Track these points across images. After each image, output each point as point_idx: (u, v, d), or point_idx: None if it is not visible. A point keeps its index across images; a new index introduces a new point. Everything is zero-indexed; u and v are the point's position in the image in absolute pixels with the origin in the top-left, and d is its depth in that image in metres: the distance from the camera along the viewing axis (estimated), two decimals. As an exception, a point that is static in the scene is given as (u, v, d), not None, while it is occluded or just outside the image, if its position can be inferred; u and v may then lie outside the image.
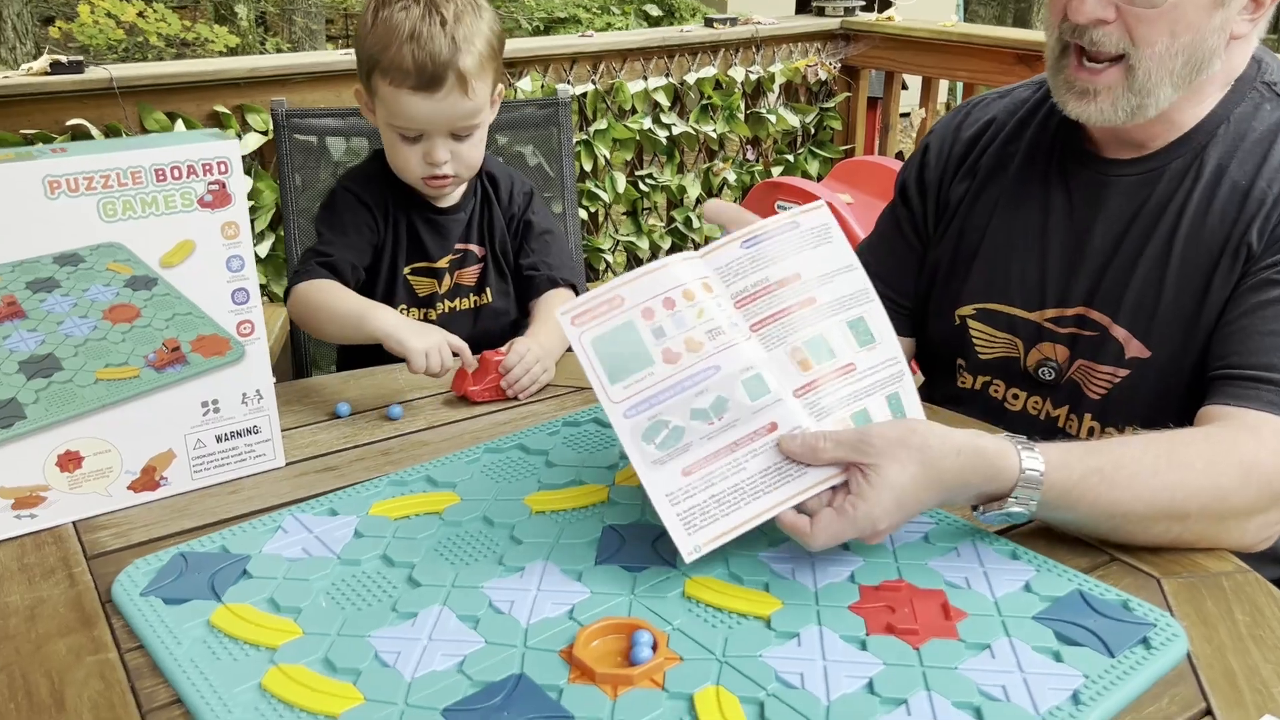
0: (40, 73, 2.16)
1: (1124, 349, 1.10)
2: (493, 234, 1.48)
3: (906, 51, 3.50)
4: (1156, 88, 1.02)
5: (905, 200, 1.30)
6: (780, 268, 0.93)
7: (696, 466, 0.87)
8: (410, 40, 1.26)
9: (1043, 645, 0.78)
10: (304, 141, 1.98)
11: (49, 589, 0.89)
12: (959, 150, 1.25)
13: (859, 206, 3.06)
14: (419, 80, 1.27)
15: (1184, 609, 0.84)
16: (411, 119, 1.31)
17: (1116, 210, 1.11)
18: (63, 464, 0.96)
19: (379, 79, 1.31)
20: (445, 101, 1.29)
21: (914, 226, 1.28)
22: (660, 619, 0.82)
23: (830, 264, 0.95)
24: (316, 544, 0.93)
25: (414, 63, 1.26)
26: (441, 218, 1.44)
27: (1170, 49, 1.00)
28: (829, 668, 0.76)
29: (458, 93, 1.29)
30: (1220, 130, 1.07)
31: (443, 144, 1.33)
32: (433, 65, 1.26)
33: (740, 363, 0.89)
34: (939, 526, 0.94)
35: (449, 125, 1.32)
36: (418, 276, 1.44)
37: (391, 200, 1.42)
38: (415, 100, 1.29)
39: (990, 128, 1.24)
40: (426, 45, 1.26)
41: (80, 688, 0.77)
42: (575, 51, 2.93)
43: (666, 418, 0.87)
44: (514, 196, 1.50)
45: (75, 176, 0.91)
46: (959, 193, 1.23)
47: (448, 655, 0.78)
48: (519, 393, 1.24)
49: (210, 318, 1.00)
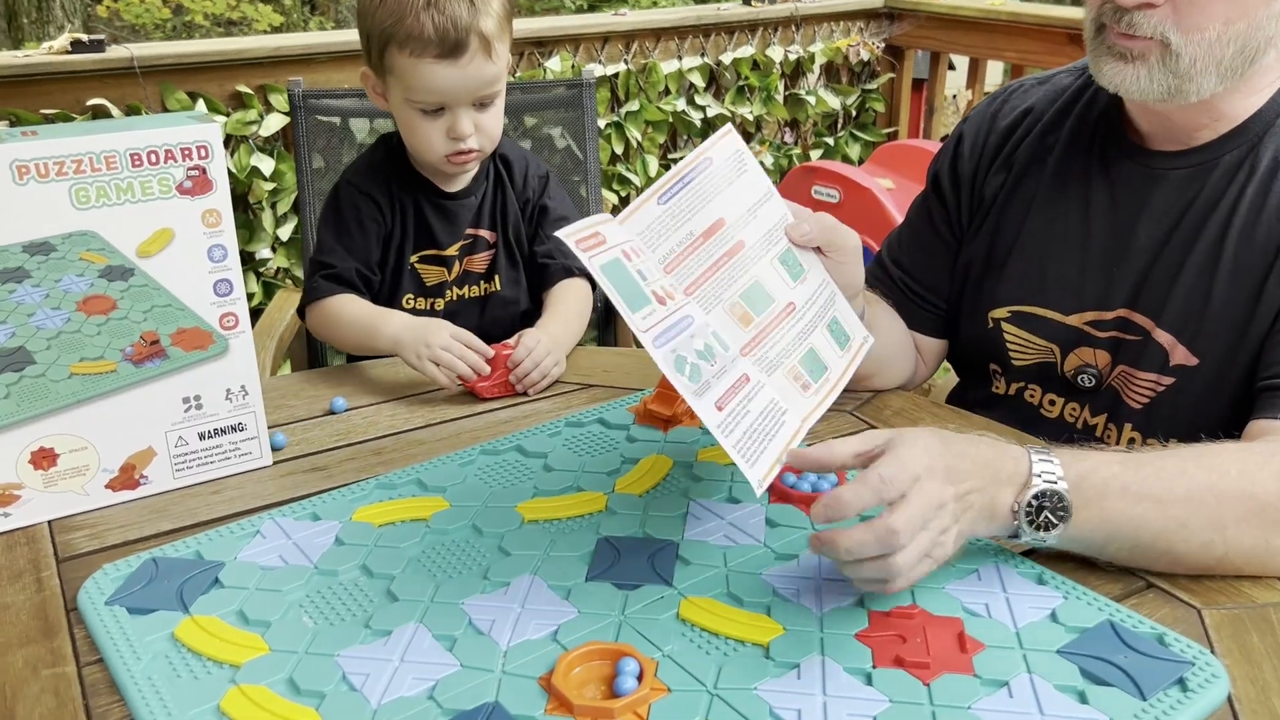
0: (61, 51, 2.13)
1: (1169, 355, 1.01)
2: (505, 219, 1.42)
3: (954, 31, 3.39)
4: (1200, 75, 0.93)
5: (938, 192, 1.21)
6: (702, 217, 0.89)
7: (725, 400, 0.82)
8: (428, 7, 1.20)
9: (1066, 684, 0.71)
10: (326, 122, 1.94)
11: (14, 594, 0.85)
12: (995, 140, 1.16)
13: (900, 192, 2.97)
14: (442, 47, 1.21)
15: (1226, 644, 0.77)
16: (435, 90, 1.25)
17: (1163, 207, 1.02)
18: (36, 461, 0.92)
19: (395, 53, 1.24)
20: (470, 68, 1.23)
21: (947, 221, 1.20)
22: (650, 644, 0.76)
23: (751, 195, 0.93)
24: (294, 551, 0.88)
25: (435, 29, 1.20)
26: (451, 203, 1.38)
27: (1223, 36, 0.91)
28: (829, 704, 0.70)
29: (481, 57, 1.23)
30: (1279, 122, 0.98)
31: (466, 115, 1.27)
32: (455, 31, 1.20)
33: (710, 315, 0.86)
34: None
35: (473, 94, 1.26)
36: (426, 265, 1.39)
37: (398, 188, 1.36)
38: (439, 69, 1.23)
39: (1028, 117, 1.15)
40: (446, 10, 1.20)
41: (32, 704, 0.72)
42: (607, 30, 2.86)
43: (682, 353, 0.81)
44: (529, 179, 1.43)
45: (45, 161, 0.87)
46: (994, 186, 1.15)
47: (419, 679, 0.73)
48: (528, 388, 1.18)
49: (191, 310, 0.96)
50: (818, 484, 0.96)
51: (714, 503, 0.94)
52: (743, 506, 0.94)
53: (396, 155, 1.37)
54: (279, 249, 2.52)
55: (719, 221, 0.90)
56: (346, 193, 1.35)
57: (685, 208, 0.89)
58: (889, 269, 1.23)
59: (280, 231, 2.50)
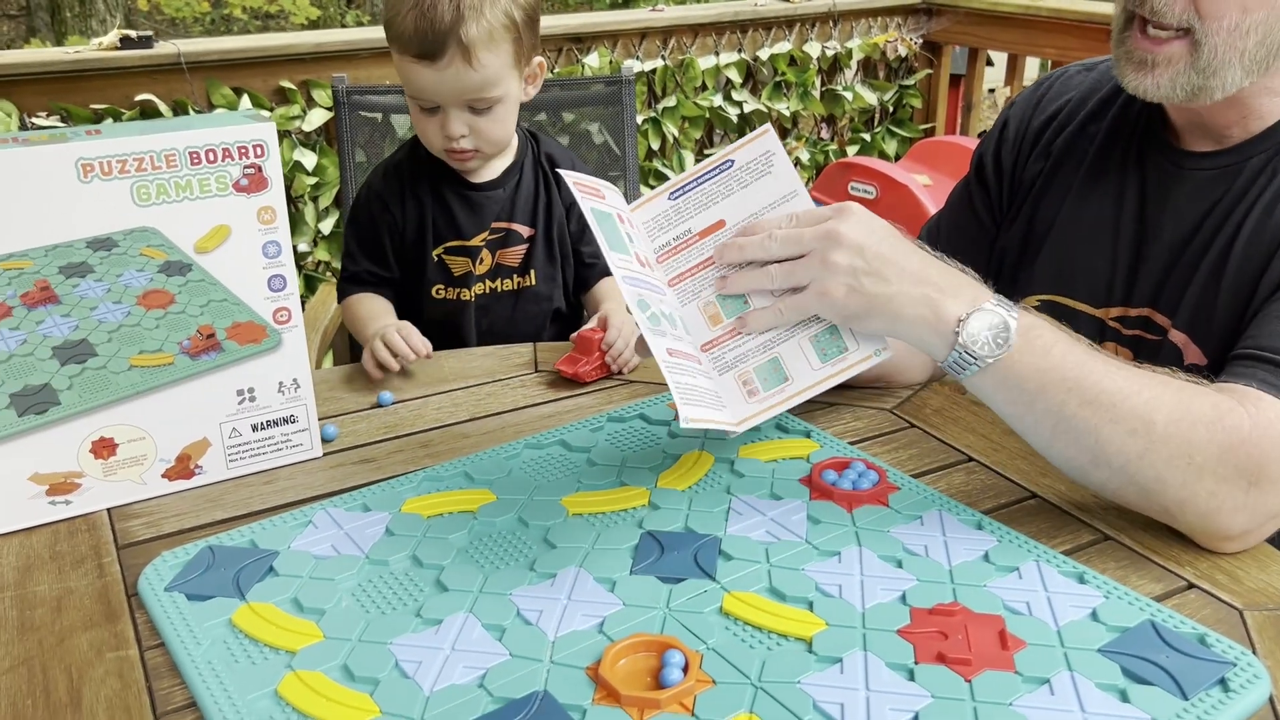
0: (110, 47, 2.17)
1: (1183, 354, 1.02)
2: (550, 217, 1.44)
3: (992, 26, 3.37)
4: (1223, 68, 0.93)
5: (980, 177, 1.22)
6: (704, 217, 0.95)
7: (674, 354, 0.87)
8: (415, 7, 1.23)
9: (1108, 683, 0.72)
10: (369, 118, 1.97)
11: (78, 579, 0.87)
12: (1037, 126, 1.17)
13: (937, 188, 2.96)
14: (420, 48, 1.24)
15: (1268, 646, 0.77)
16: (419, 90, 1.28)
17: (1186, 207, 1.02)
18: (96, 451, 0.95)
19: (391, 47, 1.28)
20: (448, 72, 1.25)
21: (988, 206, 1.21)
22: (695, 637, 0.77)
23: (767, 197, 0.95)
24: (346, 541, 0.90)
25: (414, 30, 1.23)
26: (475, 194, 1.41)
27: (1241, 25, 0.91)
28: (872, 699, 0.71)
29: (460, 63, 1.24)
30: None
31: (458, 117, 1.30)
32: (432, 33, 1.22)
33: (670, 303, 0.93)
34: (1000, 545, 0.88)
35: (459, 97, 1.28)
36: (452, 256, 1.41)
37: (419, 182, 1.40)
38: (419, 69, 1.26)
39: (1070, 105, 1.15)
40: (429, 12, 1.22)
41: (98, 686, 0.75)
42: (645, 26, 2.86)
43: (649, 302, 0.88)
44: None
45: (109, 159, 0.89)
46: (1033, 173, 1.15)
47: (470, 668, 0.75)
48: (624, 365, 1.22)
49: (246, 304, 0.98)
50: (858, 482, 0.97)
51: (755, 499, 0.96)
52: (784, 503, 0.95)
53: (422, 150, 1.40)
54: (320, 242, 2.55)
55: (719, 223, 0.95)
56: (362, 195, 1.41)
57: (692, 206, 0.95)
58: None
59: (322, 226, 2.53)
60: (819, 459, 1.02)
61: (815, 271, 0.88)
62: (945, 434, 1.08)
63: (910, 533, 0.90)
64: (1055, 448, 0.89)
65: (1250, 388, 0.87)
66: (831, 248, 0.88)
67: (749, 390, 0.92)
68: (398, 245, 1.40)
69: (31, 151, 0.87)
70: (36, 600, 0.85)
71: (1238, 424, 0.84)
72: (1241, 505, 0.85)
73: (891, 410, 1.14)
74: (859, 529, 0.91)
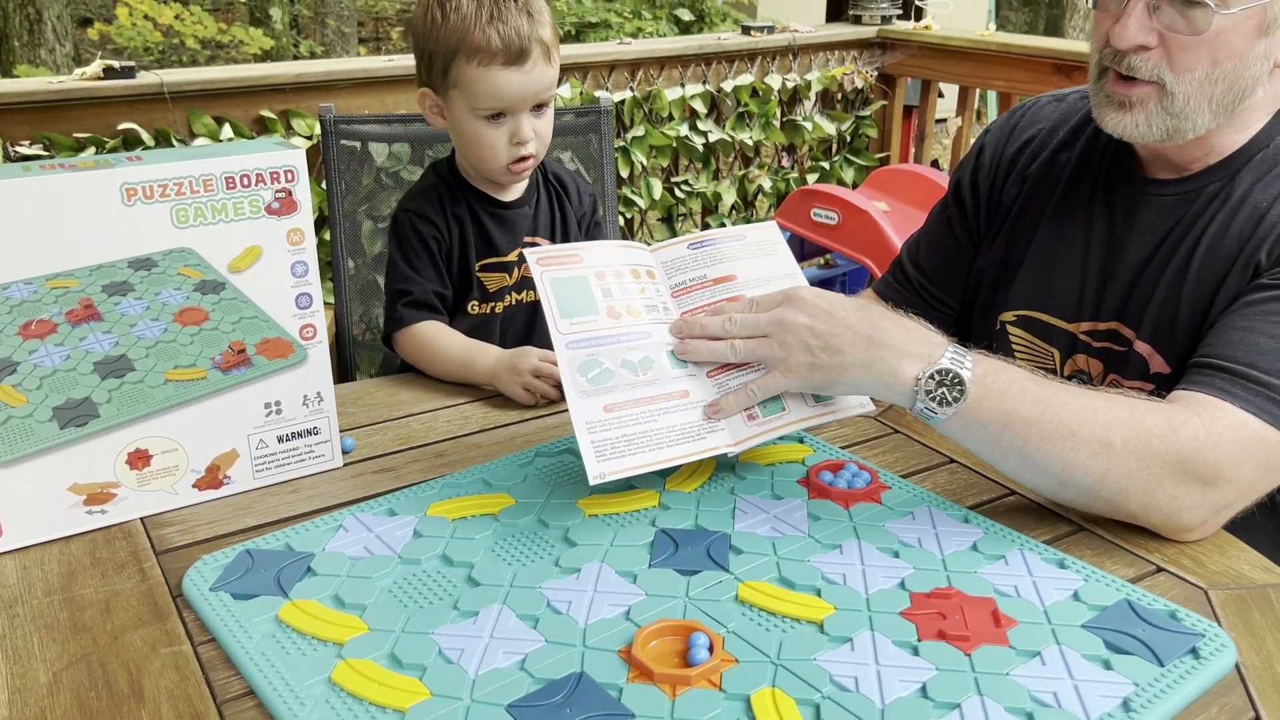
0: (93, 77, 2.21)
1: (1148, 364, 1.11)
2: (566, 231, 1.54)
3: (943, 60, 3.50)
4: (1194, 113, 1.03)
5: (959, 201, 1.31)
6: (719, 268, 1.08)
7: (617, 407, 0.98)
8: (491, 21, 1.32)
9: (1092, 653, 0.80)
10: (348, 146, 2.02)
11: (121, 583, 0.92)
12: (1011, 153, 1.26)
13: (895, 214, 3.07)
14: (508, 55, 1.32)
15: (1232, 619, 0.85)
16: (501, 96, 1.35)
17: (1150, 229, 1.12)
18: (132, 461, 1.00)
19: (464, 65, 1.34)
20: (534, 72, 1.35)
21: (965, 227, 1.30)
22: (715, 622, 0.84)
23: (769, 271, 1.09)
24: (377, 543, 0.96)
25: (501, 39, 1.32)
26: (507, 212, 1.48)
27: (1211, 75, 1.01)
28: (882, 672, 0.78)
29: (543, 62, 1.35)
30: (1259, 156, 1.07)
31: (527, 120, 1.38)
32: (519, 39, 1.32)
33: (668, 337, 1.04)
34: (987, 536, 0.95)
35: (535, 97, 1.37)
36: (488, 273, 1.48)
37: (453, 204, 1.45)
38: (506, 75, 1.34)
39: (1043, 133, 1.25)
40: (510, 21, 1.32)
41: (157, 678, 0.79)
42: (614, 59, 2.95)
43: (601, 359, 1.00)
44: (582, 198, 1.56)
45: (151, 184, 0.94)
46: (1010, 197, 1.25)
47: (509, 653, 0.80)
48: None
49: (275, 321, 1.03)
50: (852, 481, 1.04)
51: (758, 499, 1.02)
52: (785, 502, 1.02)
53: (447, 177, 1.47)
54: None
55: (731, 275, 1.08)
56: (404, 219, 1.44)
57: (708, 258, 1.09)
58: (907, 270, 1.34)
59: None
60: (814, 462, 1.09)
61: (776, 352, 0.98)
62: (927, 438, 1.16)
63: (904, 526, 0.97)
64: (1024, 475, 0.98)
65: (1208, 395, 0.96)
66: (785, 331, 0.97)
67: (749, 415, 1.02)
68: (447, 264, 1.45)
69: (79, 177, 0.92)
70: (84, 602, 0.89)
71: (1192, 434, 0.93)
72: (1200, 504, 0.94)
73: (876, 417, 1.22)
74: (856, 524, 0.98)
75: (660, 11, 7.56)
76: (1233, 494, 0.94)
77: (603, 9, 7.67)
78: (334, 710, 0.75)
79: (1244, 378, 0.95)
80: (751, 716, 0.74)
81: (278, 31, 10.71)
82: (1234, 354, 0.98)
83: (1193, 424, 0.93)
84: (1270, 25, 0.99)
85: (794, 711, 0.74)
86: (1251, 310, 1.00)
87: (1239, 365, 0.96)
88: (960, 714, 0.74)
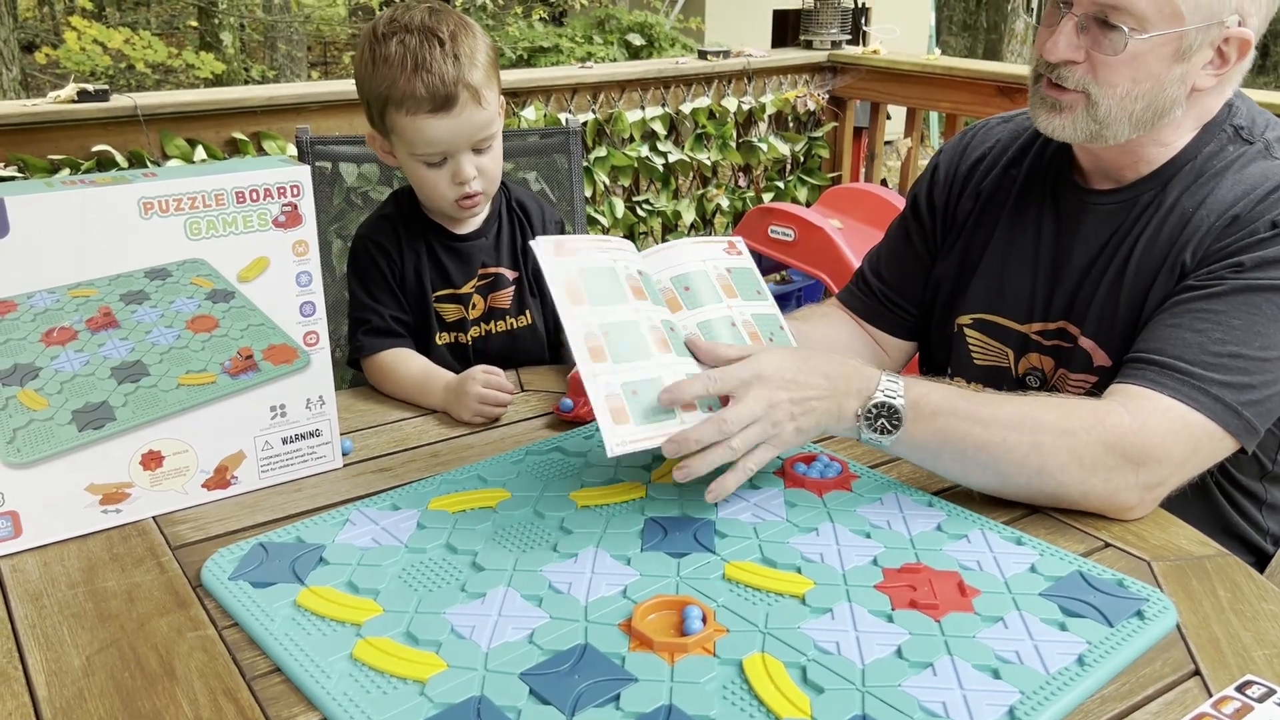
0: (68, 100, 2.24)
1: (1091, 358, 1.20)
2: (528, 258, 1.53)
3: (891, 83, 3.63)
4: (1115, 123, 1.13)
5: (916, 214, 1.41)
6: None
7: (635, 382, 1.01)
8: (417, 70, 1.31)
9: (1049, 617, 0.88)
10: (320, 168, 2.08)
11: (142, 575, 0.97)
12: (965, 170, 1.36)
13: (848, 231, 3.18)
14: (434, 104, 1.32)
15: (1172, 587, 0.94)
16: (434, 142, 1.36)
17: (1093, 235, 1.22)
18: (146, 463, 1.05)
19: (394, 113, 1.35)
20: (462, 117, 1.34)
21: (923, 239, 1.40)
22: (706, 597, 0.91)
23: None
24: (384, 534, 1.01)
25: (426, 88, 1.31)
26: (462, 245, 1.49)
27: (1131, 93, 1.11)
28: (861, 637, 0.85)
29: (472, 106, 1.34)
30: (1187, 167, 1.17)
31: (467, 160, 1.38)
32: (444, 86, 1.31)
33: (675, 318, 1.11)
34: (950, 518, 1.04)
35: (470, 140, 1.37)
36: (444, 304, 1.49)
37: (412, 235, 1.47)
38: (434, 123, 1.33)
39: (994, 150, 1.35)
40: (432, 68, 1.31)
41: (187, 659, 0.85)
42: (576, 82, 3.04)
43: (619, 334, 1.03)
44: (546, 226, 1.56)
45: (166, 198, 1.00)
46: (965, 210, 1.34)
47: (518, 629, 0.87)
48: None
49: (280, 328, 1.09)
50: (825, 471, 1.12)
51: (738, 489, 1.09)
52: (763, 491, 1.09)
53: (405, 206, 1.48)
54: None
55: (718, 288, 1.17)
56: (361, 247, 1.46)
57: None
58: (869, 280, 1.43)
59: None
60: (788, 455, 1.17)
61: (770, 432, 1.02)
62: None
63: (873, 511, 1.05)
64: (969, 480, 1.08)
65: (1139, 386, 1.06)
66: (773, 411, 1.01)
67: None
68: (403, 292, 1.46)
69: (99, 191, 0.97)
70: (108, 594, 0.94)
71: (1117, 422, 1.02)
72: (1134, 484, 1.03)
73: (844, 416, 1.30)
74: (830, 509, 1.06)
75: (611, 37, 7.67)
76: (1164, 472, 1.03)
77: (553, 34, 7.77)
78: (358, 682, 0.81)
79: (1171, 369, 1.05)
80: (744, 678, 0.81)
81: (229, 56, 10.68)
82: (1163, 348, 1.07)
83: (1116, 412, 1.03)
84: (1186, 52, 1.09)
85: (783, 673, 0.81)
86: (1180, 309, 1.10)
87: (1167, 358, 1.06)
88: (933, 671, 0.81)
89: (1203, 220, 1.13)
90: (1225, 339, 1.05)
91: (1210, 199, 1.14)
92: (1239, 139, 1.16)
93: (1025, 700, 0.78)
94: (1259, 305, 1.06)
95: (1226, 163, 1.15)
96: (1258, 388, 1.05)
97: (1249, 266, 1.08)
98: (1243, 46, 1.11)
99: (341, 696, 0.79)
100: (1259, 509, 1.25)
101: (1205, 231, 1.12)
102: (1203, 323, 1.07)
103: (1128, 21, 1.07)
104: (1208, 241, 1.12)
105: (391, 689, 0.80)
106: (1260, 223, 1.09)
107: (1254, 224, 1.09)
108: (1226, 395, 1.04)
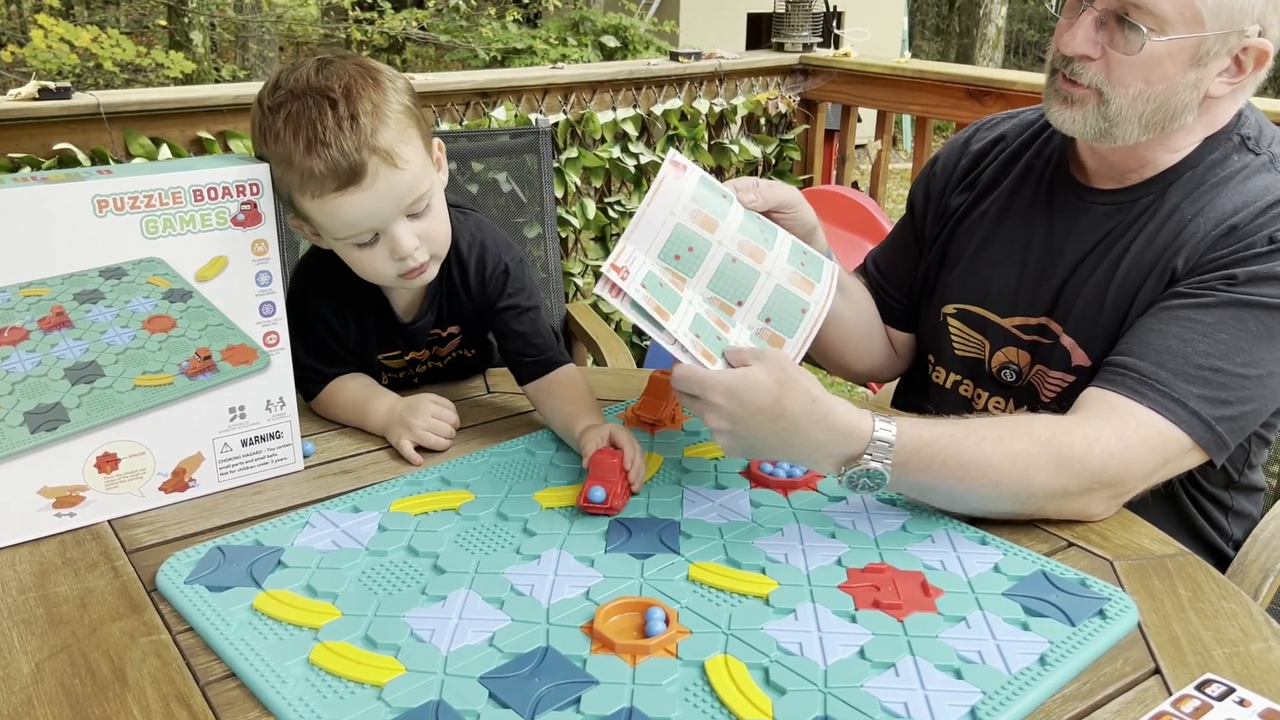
0: (28, 98, 2.20)
1: (1071, 356, 1.21)
2: (462, 316, 1.35)
3: (862, 86, 3.64)
4: (1125, 123, 1.13)
5: (912, 209, 1.43)
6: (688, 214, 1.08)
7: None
8: (310, 147, 1.06)
9: (1012, 617, 0.88)
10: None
11: (95, 580, 0.95)
12: (964, 164, 1.37)
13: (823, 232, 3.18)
14: (339, 179, 1.07)
15: (1134, 586, 0.94)
16: (354, 222, 1.11)
17: (1086, 234, 1.22)
18: (101, 465, 1.03)
19: (300, 199, 1.11)
20: (376, 187, 1.09)
21: (915, 230, 1.41)
22: (669, 599, 0.90)
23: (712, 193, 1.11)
24: (344, 537, 1.00)
25: (325, 164, 1.06)
26: (408, 328, 1.33)
27: (1143, 94, 1.11)
28: (824, 638, 0.85)
29: (386, 171, 1.09)
30: (1189, 174, 1.17)
31: (403, 231, 1.13)
32: (345, 158, 1.07)
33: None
34: (914, 517, 1.03)
35: (398, 208, 1.12)
36: (388, 359, 1.36)
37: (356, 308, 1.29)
38: (345, 201, 1.09)
39: (998, 144, 1.36)
40: (329, 139, 1.06)
41: (139, 665, 0.83)
42: (548, 82, 3.02)
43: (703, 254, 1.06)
44: (487, 281, 1.30)
45: (122, 196, 0.98)
46: (958, 202, 1.35)
47: (478, 631, 0.86)
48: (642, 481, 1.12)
49: (239, 328, 1.07)
50: (791, 471, 1.11)
51: (704, 489, 1.09)
52: (729, 491, 1.09)
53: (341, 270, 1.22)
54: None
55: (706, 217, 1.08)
56: (297, 301, 1.24)
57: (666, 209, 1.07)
58: (869, 270, 1.47)
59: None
60: (755, 456, 1.16)
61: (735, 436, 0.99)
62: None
63: (839, 511, 1.05)
64: (955, 509, 1.05)
65: (1120, 395, 1.06)
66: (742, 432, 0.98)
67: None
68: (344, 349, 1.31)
69: (52, 189, 0.95)
70: (59, 599, 0.92)
71: (1105, 447, 1.02)
72: (1110, 504, 1.05)
73: (810, 417, 1.29)
74: (795, 509, 1.05)
75: (585, 39, 7.66)
76: (1134, 485, 1.04)
77: (527, 35, 7.75)
78: (314, 687, 0.80)
79: (1153, 379, 1.05)
80: (707, 680, 0.80)
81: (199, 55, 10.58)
82: (1146, 353, 1.07)
83: (1105, 436, 1.02)
84: (1203, 58, 1.09)
85: (745, 675, 0.81)
86: (1167, 315, 1.10)
87: (1150, 364, 1.06)
88: (895, 672, 0.81)
89: (1199, 227, 1.13)
90: (1209, 352, 1.06)
91: (1209, 207, 1.14)
92: (1245, 149, 1.16)
93: (987, 700, 0.77)
94: (1245, 321, 1.07)
95: (1230, 172, 1.15)
96: (1234, 404, 1.06)
97: (1242, 280, 1.08)
98: (1260, 56, 1.10)
99: (297, 701, 0.78)
100: (1224, 515, 1.26)
101: (1200, 239, 1.12)
102: (1189, 333, 1.07)
103: (1147, 22, 1.07)
104: (1202, 249, 1.12)
105: (349, 694, 0.79)
106: (1258, 237, 1.09)
107: (1251, 237, 1.09)
108: (1203, 410, 1.04)
